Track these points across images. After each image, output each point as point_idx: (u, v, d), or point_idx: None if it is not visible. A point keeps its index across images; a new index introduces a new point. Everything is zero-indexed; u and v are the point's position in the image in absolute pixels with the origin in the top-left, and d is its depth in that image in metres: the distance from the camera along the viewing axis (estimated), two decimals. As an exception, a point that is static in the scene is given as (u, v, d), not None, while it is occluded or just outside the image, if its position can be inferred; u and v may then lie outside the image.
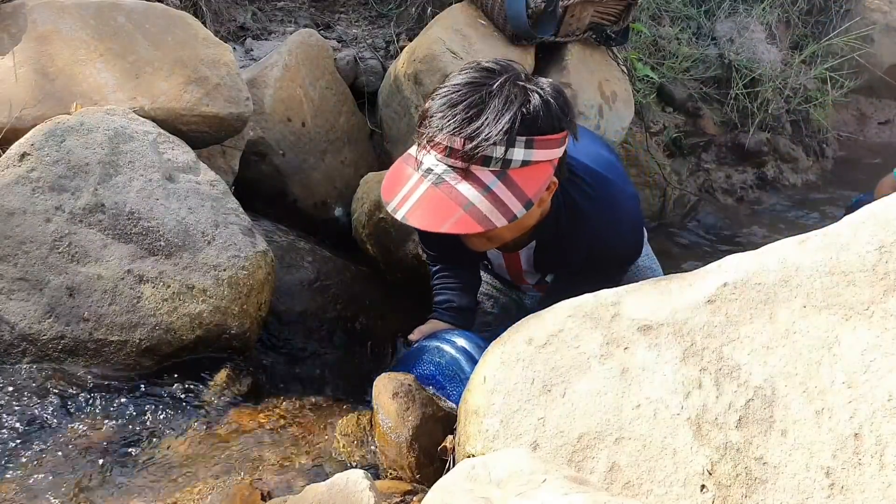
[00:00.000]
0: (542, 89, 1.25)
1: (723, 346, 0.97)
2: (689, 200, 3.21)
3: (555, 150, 1.27)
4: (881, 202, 0.96)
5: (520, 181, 1.24)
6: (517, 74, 1.27)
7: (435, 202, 1.23)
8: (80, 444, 1.22)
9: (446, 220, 1.22)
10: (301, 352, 1.70)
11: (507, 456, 0.91)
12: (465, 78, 1.25)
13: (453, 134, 1.20)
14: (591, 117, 2.32)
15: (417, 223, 1.24)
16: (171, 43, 1.70)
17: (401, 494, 1.12)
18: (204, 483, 1.15)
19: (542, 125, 1.23)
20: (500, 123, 1.19)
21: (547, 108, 1.23)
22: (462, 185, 1.22)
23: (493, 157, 1.21)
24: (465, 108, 1.21)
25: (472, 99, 1.21)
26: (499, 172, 1.22)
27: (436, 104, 1.23)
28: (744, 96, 3.32)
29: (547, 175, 1.28)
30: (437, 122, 1.22)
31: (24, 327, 1.35)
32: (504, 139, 1.19)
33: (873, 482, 0.83)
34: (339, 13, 2.87)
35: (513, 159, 1.22)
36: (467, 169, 1.22)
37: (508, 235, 1.42)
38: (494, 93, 1.22)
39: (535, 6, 2.17)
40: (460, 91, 1.23)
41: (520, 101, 1.22)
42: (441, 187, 1.23)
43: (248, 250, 1.51)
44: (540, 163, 1.25)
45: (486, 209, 1.22)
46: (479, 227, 1.22)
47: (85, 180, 1.45)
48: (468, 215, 1.21)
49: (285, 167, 2.18)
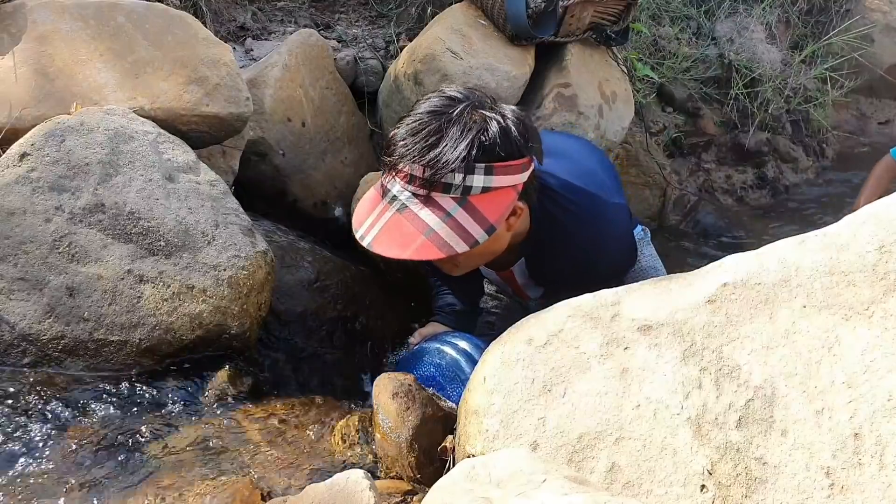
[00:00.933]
0: (503, 116, 1.27)
1: (723, 346, 0.97)
2: (689, 200, 3.20)
3: (516, 175, 1.28)
4: (881, 202, 0.96)
5: (481, 207, 1.26)
6: (479, 102, 1.29)
7: (397, 229, 1.26)
8: (79, 444, 1.22)
9: (408, 247, 1.24)
10: (301, 352, 1.70)
11: (507, 456, 0.91)
12: (427, 106, 1.28)
13: (414, 161, 1.23)
14: (591, 117, 2.32)
15: (382, 250, 1.27)
16: (171, 43, 1.70)
17: (401, 494, 1.12)
18: (204, 483, 1.15)
19: (501, 151, 1.24)
20: (458, 150, 1.21)
21: (505, 135, 1.25)
22: (423, 212, 1.24)
23: (452, 183, 1.23)
24: (424, 136, 1.23)
25: (431, 127, 1.24)
26: (459, 199, 1.24)
27: (399, 132, 1.26)
28: (744, 96, 3.32)
29: (510, 200, 1.29)
30: (399, 149, 1.25)
31: (24, 327, 1.35)
32: (462, 166, 1.21)
33: (873, 482, 0.83)
34: (339, 13, 2.87)
35: (472, 185, 1.24)
36: (428, 196, 1.24)
37: (477, 261, 1.43)
38: (454, 120, 1.24)
39: (535, 6, 2.17)
40: (421, 119, 1.25)
41: (477, 128, 1.23)
42: (404, 214, 1.25)
43: (248, 250, 1.51)
44: (501, 188, 1.27)
45: (446, 235, 1.23)
46: (441, 253, 1.24)
47: (85, 180, 1.45)
48: (429, 241, 1.23)
49: (285, 167, 2.18)
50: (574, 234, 1.44)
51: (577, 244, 1.45)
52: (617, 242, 1.52)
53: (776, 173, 3.46)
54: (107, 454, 1.21)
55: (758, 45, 3.40)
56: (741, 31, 3.42)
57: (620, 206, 1.54)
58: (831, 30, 3.58)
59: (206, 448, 1.25)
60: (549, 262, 1.51)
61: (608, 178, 1.58)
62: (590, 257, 1.47)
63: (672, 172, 3.18)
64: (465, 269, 1.46)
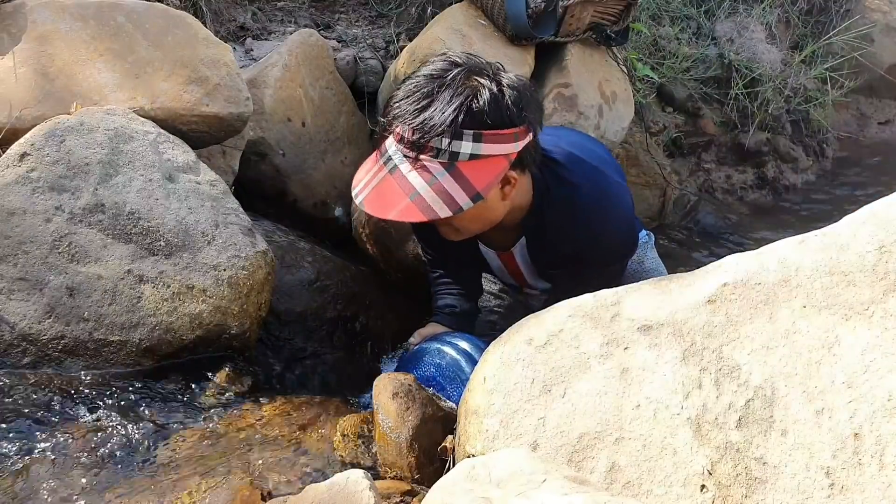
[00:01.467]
0: (499, 84, 1.27)
1: (723, 346, 0.97)
2: (689, 200, 3.20)
3: (507, 144, 1.28)
4: (881, 202, 0.96)
5: (468, 174, 1.26)
6: (477, 68, 1.29)
7: (386, 190, 1.27)
8: (79, 444, 1.22)
9: (393, 208, 1.26)
10: (301, 352, 1.70)
11: (507, 456, 0.91)
12: (428, 70, 1.29)
13: (404, 123, 1.25)
14: (591, 117, 2.32)
15: (370, 209, 1.29)
16: (171, 43, 1.70)
17: (401, 494, 1.12)
18: (204, 483, 1.15)
19: (490, 119, 1.24)
20: (445, 114, 1.22)
21: (496, 103, 1.25)
22: (412, 174, 1.26)
23: (440, 148, 1.23)
24: (417, 98, 1.25)
25: (425, 90, 1.25)
26: (447, 164, 1.25)
27: (398, 94, 1.28)
28: (744, 96, 3.32)
29: (500, 169, 1.29)
30: (394, 110, 1.27)
31: (24, 327, 1.35)
32: (449, 130, 1.22)
33: (873, 482, 0.83)
34: (339, 13, 2.87)
35: (460, 152, 1.24)
36: (417, 158, 1.25)
37: (475, 227, 1.43)
38: (447, 84, 1.25)
39: (535, 6, 2.16)
40: (418, 83, 1.26)
41: (468, 93, 1.24)
42: (394, 175, 1.27)
43: (248, 250, 1.51)
44: (491, 156, 1.27)
45: (430, 199, 1.24)
46: (423, 217, 1.25)
47: (85, 180, 1.45)
48: (413, 204, 1.24)
49: (285, 167, 2.18)
50: (577, 207, 1.43)
51: (580, 218, 1.44)
52: (619, 219, 1.50)
53: (776, 173, 3.46)
54: (106, 454, 1.21)
55: (758, 45, 3.40)
56: (741, 31, 3.41)
57: (622, 185, 1.54)
58: (831, 30, 3.57)
59: (206, 448, 1.25)
60: (551, 240, 1.50)
61: (612, 163, 1.58)
62: (592, 232, 1.45)
63: (672, 172, 3.18)
64: (465, 235, 1.46)
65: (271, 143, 2.13)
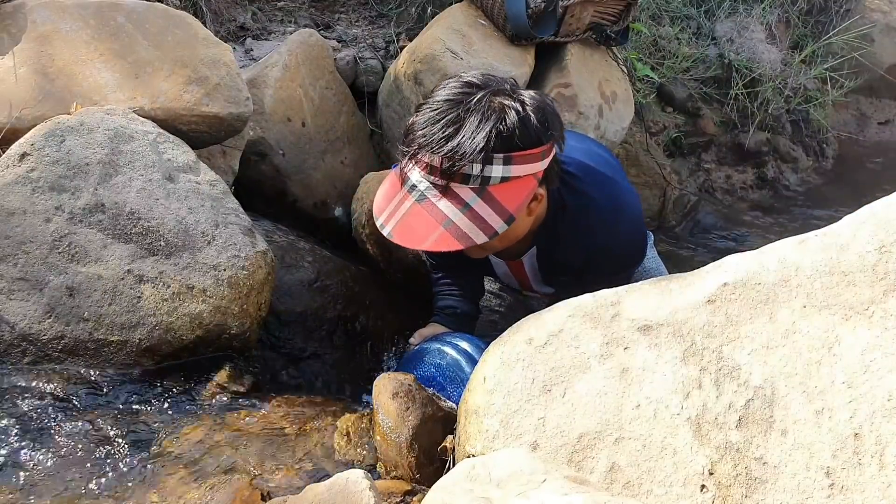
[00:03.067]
0: (523, 103, 1.26)
1: (723, 346, 0.97)
2: (689, 200, 3.20)
3: (536, 163, 1.27)
4: (881, 202, 0.96)
5: (500, 197, 1.25)
6: (498, 89, 1.27)
7: (417, 220, 1.26)
8: (79, 444, 1.22)
9: (427, 238, 1.24)
10: (301, 352, 1.70)
11: (507, 456, 0.91)
12: (445, 94, 1.26)
13: (432, 152, 1.22)
14: (591, 117, 2.32)
15: (401, 241, 1.28)
16: (171, 43, 1.70)
17: (401, 494, 1.12)
18: (204, 483, 1.15)
19: (520, 141, 1.23)
20: (476, 141, 1.20)
21: (524, 125, 1.23)
22: (442, 203, 1.24)
23: (471, 174, 1.22)
24: (443, 126, 1.22)
25: (450, 117, 1.23)
26: (478, 189, 1.24)
27: (419, 120, 1.25)
28: (744, 96, 3.33)
29: (530, 188, 1.28)
30: (418, 139, 1.24)
31: (24, 327, 1.35)
32: (480, 157, 1.21)
33: (873, 482, 0.83)
34: (339, 13, 2.87)
35: (491, 176, 1.23)
36: (447, 186, 1.24)
37: (500, 245, 1.43)
38: (472, 109, 1.23)
39: (535, 6, 2.17)
40: (440, 108, 1.24)
41: (496, 117, 1.22)
42: (424, 204, 1.26)
43: (248, 250, 1.51)
44: (520, 178, 1.26)
45: (465, 226, 1.23)
46: (459, 245, 1.24)
47: (85, 180, 1.45)
48: (448, 233, 1.23)
49: (285, 167, 2.18)
50: (591, 219, 1.43)
51: (594, 229, 1.44)
52: (631, 229, 1.50)
53: (776, 173, 3.46)
54: (106, 454, 1.21)
55: (758, 45, 3.40)
56: (741, 31, 3.42)
57: (635, 194, 1.54)
58: (831, 30, 3.58)
59: (206, 448, 1.25)
60: (562, 249, 1.49)
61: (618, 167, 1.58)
62: (605, 243, 1.45)
63: (672, 172, 3.18)
64: (490, 252, 1.46)
65: (271, 143, 2.13)
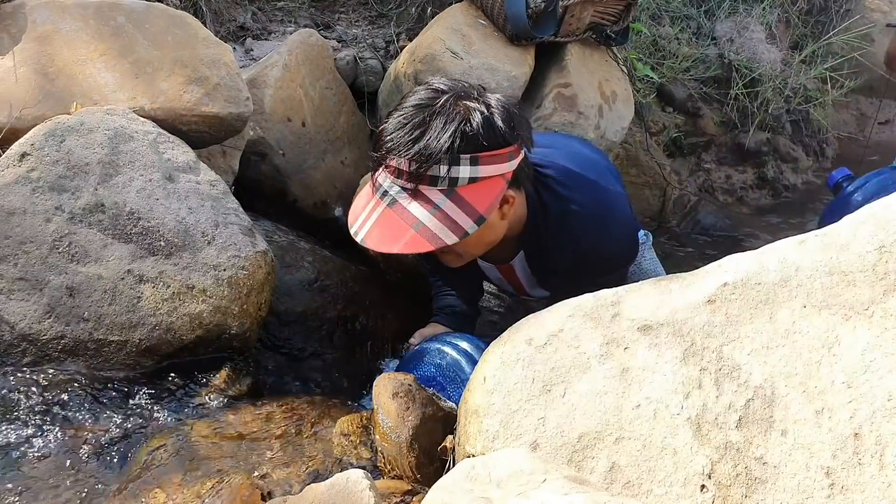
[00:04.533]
0: (488, 105, 1.27)
1: (723, 346, 0.97)
2: (689, 200, 3.21)
3: (503, 164, 1.28)
4: (881, 202, 0.96)
5: (469, 198, 1.26)
6: (463, 92, 1.29)
7: (388, 223, 1.27)
8: (79, 444, 1.22)
9: (398, 241, 1.25)
10: (301, 352, 1.70)
11: (507, 456, 0.91)
12: (413, 100, 1.28)
13: (400, 156, 1.24)
14: (591, 117, 2.32)
15: (373, 245, 1.28)
16: (171, 43, 1.70)
17: (401, 494, 1.12)
18: (203, 483, 1.15)
19: (486, 141, 1.25)
20: (441, 142, 1.22)
21: (489, 125, 1.25)
22: (412, 206, 1.25)
23: (439, 175, 1.23)
24: (409, 129, 1.24)
25: (416, 120, 1.24)
26: (447, 191, 1.25)
27: (387, 127, 1.27)
28: (744, 96, 3.33)
29: (499, 189, 1.29)
30: (386, 144, 1.26)
31: (24, 327, 1.35)
32: (447, 157, 1.22)
33: (873, 482, 0.83)
34: (339, 13, 2.87)
35: (459, 177, 1.24)
36: (416, 189, 1.25)
37: (478, 250, 1.43)
38: (437, 112, 1.24)
39: (535, 6, 2.17)
40: (406, 113, 1.26)
41: (460, 119, 1.24)
42: (395, 208, 1.27)
43: (248, 250, 1.51)
44: (489, 178, 1.27)
45: (435, 227, 1.24)
46: (431, 246, 1.25)
47: (85, 180, 1.45)
48: (419, 235, 1.24)
49: (285, 167, 2.18)
50: (574, 221, 1.44)
51: (578, 232, 1.44)
52: (617, 231, 1.50)
53: (776, 173, 3.46)
54: (106, 454, 1.21)
55: (758, 45, 3.40)
56: (741, 31, 3.42)
57: (622, 195, 1.54)
58: (831, 30, 3.58)
59: (206, 448, 1.25)
60: (550, 254, 1.50)
61: (609, 169, 1.58)
62: (592, 246, 1.46)
63: (672, 172, 3.18)
64: (467, 259, 1.46)
65: (271, 143, 2.13)
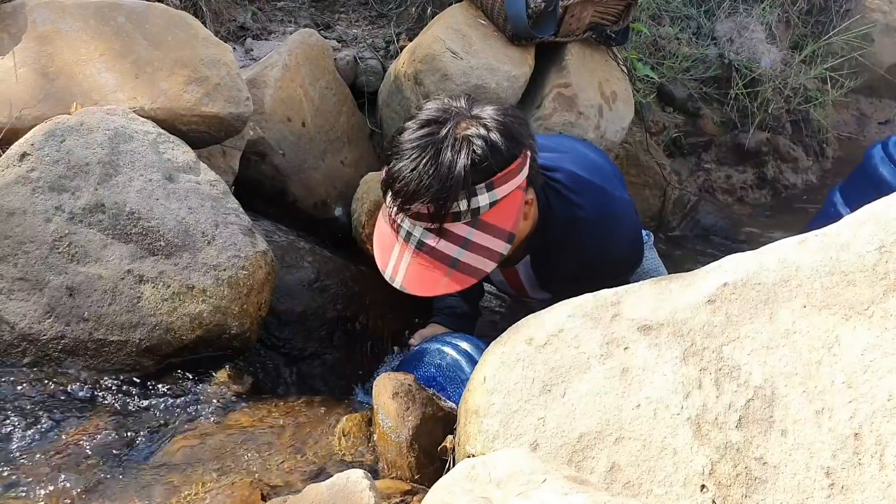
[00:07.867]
0: (486, 127, 1.25)
1: (723, 346, 0.96)
2: (689, 200, 3.20)
3: (516, 178, 1.28)
4: (881, 202, 0.96)
5: (494, 221, 1.26)
6: (458, 118, 1.25)
7: (424, 267, 1.27)
8: (79, 444, 1.22)
9: (439, 283, 1.26)
10: (301, 352, 1.70)
11: (507, 456, 0.91)
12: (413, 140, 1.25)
13: (416, 202, 1.23)
14: (591, 117, 2.32)
15: (414, 291, 1.28)
16: (171, 43, 1.70)
17: (401, 494, 1.12)
18: (204, 483, 1.15)
19: (495, 165, 1.23)
20: (454, 181, 1.20)
21: (493, 148, 1.23)
22: (441, 244, 1.25)
23: (460, 211, 1.23)
24: (418, 175, 1.22)
25: (423, 163, 1.22)
26: (472, 222, 1.25)
27: (394, 173, 1.24)
28: (744, 96, 3.32)
29: (519, 201, 1.29)
30: (400, 193, 1.24)
31: (24, 327, 1.35)
32: (464, 193, 1.21)
33: (873, 482, 0.83)
34: (339, 13, 2.87)
35: (480, 206, 1.24)
36: (441, 228, 1.24)
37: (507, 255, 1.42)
38: (441, 147, 1.22)
39: (535, 6, 2.16)
40: (411, 156, 1.23)
41: (465, 152, 1.22)
42: (424, 251, 1.26)
43: (248, 250, 1.51)
44: (507, 196, 1.27)
45: (471, 260, 1.25)
46: (473, 280, 1.26)
47: (85, 180, 1.45)
48: (458, 272, 1.25)
49: (285, 167, 2.18)
50: (581, 227, 1.44)
51: (584, 238, 1.44)
52: (623, 237, 1.50)
53: (776, 173, 3.46)
54: (106, 454, 1.21)
55: (758, 45, 3.39)
56: (741, 31, 3.41)
57: (628, 202, 1.54)
58: (831, 30, 3.57)
59: (206, 448, 1.25)
60: (556, 258, 1.50)
61: (614, 174, 1.58)
62: (599, 253, 1.46)
63: (672, 172, 3.18)
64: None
65: (271, 143, 2.13)
